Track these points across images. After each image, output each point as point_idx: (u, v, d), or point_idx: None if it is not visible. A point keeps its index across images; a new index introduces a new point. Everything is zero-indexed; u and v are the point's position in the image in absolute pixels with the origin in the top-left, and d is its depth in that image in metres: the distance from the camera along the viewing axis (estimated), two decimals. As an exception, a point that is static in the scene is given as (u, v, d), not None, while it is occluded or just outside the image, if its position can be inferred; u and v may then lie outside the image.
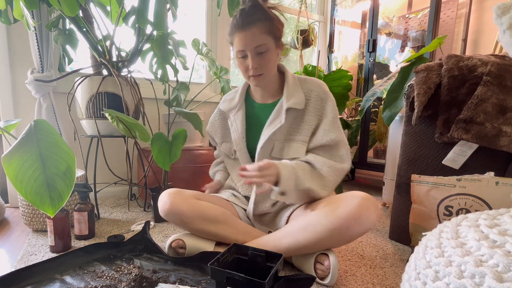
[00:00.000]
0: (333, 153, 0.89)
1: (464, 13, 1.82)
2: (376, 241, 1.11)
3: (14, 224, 1.25)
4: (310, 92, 0.93)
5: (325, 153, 0.90)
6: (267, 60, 0.87)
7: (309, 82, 0.95)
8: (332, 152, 0.90)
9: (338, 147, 0.90)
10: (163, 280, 0.74)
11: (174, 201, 0.87)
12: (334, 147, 0.90)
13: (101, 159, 1.61)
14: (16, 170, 0.69)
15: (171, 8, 1.18)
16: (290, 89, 0.93)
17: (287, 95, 0.92)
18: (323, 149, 0.90)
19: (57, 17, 1.34)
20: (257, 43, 0.84)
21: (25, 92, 1.49)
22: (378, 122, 2.00)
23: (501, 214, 0.53)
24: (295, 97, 0.92)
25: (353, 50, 2.47)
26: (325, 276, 0.78)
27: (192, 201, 0.89)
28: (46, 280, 0.75)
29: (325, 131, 0.89)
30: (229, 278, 0.59)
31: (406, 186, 1.05)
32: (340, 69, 1.78)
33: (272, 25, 0.86)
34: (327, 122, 0.90)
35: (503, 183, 0.80)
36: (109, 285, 0.72)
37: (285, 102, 0.91)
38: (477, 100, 0.86)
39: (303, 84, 0.95)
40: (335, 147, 0.89)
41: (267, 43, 0.85)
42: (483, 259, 0.43)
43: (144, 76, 1.45)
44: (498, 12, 1.00)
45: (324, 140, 0.89)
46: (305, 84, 0.95)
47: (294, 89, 0.94)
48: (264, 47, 0.85)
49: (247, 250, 0.71)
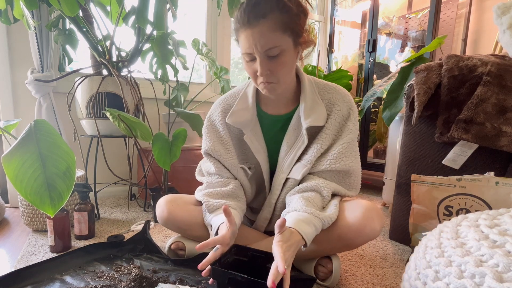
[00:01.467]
0: (341, 179, 0.79)
1: (464, 13, 1.82)
2: (376, 241, 1.11)
3: (14, 224, 1.25)
4: (332, 106, 0.78)
5: (332, 178, 0.79)
6: (282, 64, 0.68)
7: (331, 92, 0.79)
8: (340, 177, 0.79)
9: (350, 174, 0.79)
10: (163, 280, 0.74)
11: (172, 209, 0.83)
12: (345, 174, 0.79)
13: (101, 159, 1.61)
14: (16, 170, 0.69)
15: (171, 8, 1.18)
16: (308, 101, 0.77)
17: (305, 108, 0.76)
18: (331, 173, 0.78)
19: (57, 17, 1.34)
20: (267, 45, 0.65)
21: (25, 92, 1.49)
22: (378, 122, 2.00)
23: (501, 214, 0.53)
24: (315, 112, 0.76)
25: (353, 50, 2.46)
26: (326, 278, 0.78)
27: (190, 207, 0.85)
28: (46, 280, 0.75)
29: (340, 155, 0.76)
30: (230, 279, 0.59)
31: (406, 186, 1.05)
32: (340, 69, 1.78)
33: (290, 17, 0.65)
34: (344, 145, 0.76)
35: (503, 183, 0.80)
36: (109, 285, 0.72)
37: (304, 118, 0.76)
38: (477, 100, 0.86)
39: (323, 94, 0.79)
40: (347, 174, 0.79)
41: (281, 44, 0.66)
42: (483, 259, 0.43)
43: (144, 76, 1.45)
44: (498, 12, 1.00)
45: (337, 166, 0.76)
46: (325, 93, 0.79)
47: (313, 99, 0.77)
48: (277, 49, 0.66)
49: (247, 251, 0.71)
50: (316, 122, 0.76)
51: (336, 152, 0.76)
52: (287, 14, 0.65)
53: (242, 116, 0.81)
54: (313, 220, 0.68)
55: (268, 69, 0.69)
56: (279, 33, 0.65)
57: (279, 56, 0.67)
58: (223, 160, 0.84)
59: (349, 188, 0.81)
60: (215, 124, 0.86)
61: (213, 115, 0.87)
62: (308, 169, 0.78)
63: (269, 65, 0.68)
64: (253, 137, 0.82)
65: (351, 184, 0.81)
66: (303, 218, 0.67)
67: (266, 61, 0.68)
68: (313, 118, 0.76)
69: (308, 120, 0.76)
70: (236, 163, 0.85)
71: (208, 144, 0.86)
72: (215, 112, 0.87)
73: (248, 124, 0.81)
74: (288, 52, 0.68)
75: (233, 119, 0.81)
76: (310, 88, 0.79)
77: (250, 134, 0.82)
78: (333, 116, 0.77)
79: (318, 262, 0.79)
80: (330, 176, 0.79)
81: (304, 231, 0.65)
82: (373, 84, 1.98)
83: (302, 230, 0.65)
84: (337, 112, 0.77)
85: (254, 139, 0.82)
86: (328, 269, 0.77)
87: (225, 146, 0.85)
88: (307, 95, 0.78)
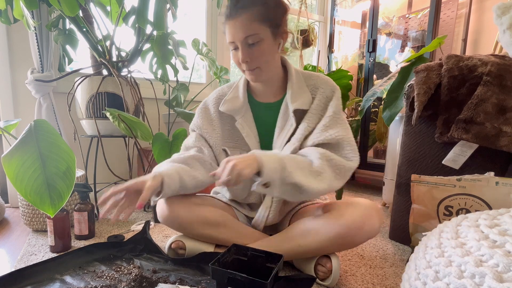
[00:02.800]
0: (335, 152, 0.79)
1: (464, 13, 1.82)
2: (376, 241, 1.11)
3: (14, 224, 1.25)
4: (316, 90, 0.84)
5: None
6: (261, 52, 0.76)
7: (314, 79, 0.86)
8: (333, 151, 0.78)
9: (341, 145, 0.78)
10: (163, 280, 0.74)
11: (172, 207, 0.84)
12: (335, 146, 0.78)
13: (101, 159, 1.61)
14: (16, 170, 0.69)
15: (171, 8, 1.18)
16: (295, 87, 0.84)
17: (291, 94, 0.83)
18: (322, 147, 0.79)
19: (57, 17, 1.34)
20: (246, 33, 0.74)
21: (25, 92, 1.49)
22: (378, 122, 2.00)
23: (501, 214, 0.53)
24: (301, 97, 0.82)
25: (353, 50, 2.47)
26: (326, 277, 0.78)
27: (191, 205, 0.86)
28: (46, 280, 0.75)
29: (324, 127, 0.79)
30: (230, 278, 0.59)
31: (406, 186, 1.05)
32: (340, 69, 1.77)
33: (268, 10, 0.74)
34: (327, 118, 0.80)
35: (503, 183, 0.80)
36: (109, 285, 0.72)
37: (290, 102, 0.82)
38: (477, 100, 0.86)
39: (308, 81, 0.86)
40: (337, 145, 0.78)
41: (259, 33, 0.74)
42: (483, 259, 0.43)
43: (144, 76, 1.45)
44: (498, 12, 1.00)
45: (322, 138, 0.77)
46: (309, 80, 0.86)
47: (299, 86, 0.84)
48: (256, 37, 0.74)
49: (246, 250, 0.71)
50: (302, 105, 0.82)
51: (321, 125, 0.80)
52: (266, 6, 0.74)
53: (233, 104, 0.88)
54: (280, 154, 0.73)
55: (249, 57, 0.77)
56: (257, 23, 0.74)
57: (259, 44, 0.75)
58: (209, 137, 0.90)
59: (347, 159, 0.78)
60: (208, 107, 0.94)
61: (208, 100, 0.95)
62: (296, 147, 0.81)
63: (250, 52, 0.76)
64: (244, 123, 0.88)
65: (347, 155, 0.78)
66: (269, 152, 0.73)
67: (247, 48, 0.76)
68: (299, 102, 0.82)
69: (295, 104, 0.82)
70: (220, 143, 0.90)
71: (198, 121, 0.93)
72: (210, 98, 0.95)
73: (239, 111, 0.88)
74: (266, 41, 0.76)
75: (225, 107, 0.89)
76: (297, 77, 0.86)
77: (241, 120, 0.88)
78: (317, 98, 0.83)
79: (317, 262, 0.79)
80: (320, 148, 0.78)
81: (266, 153, 0.71)
82: (373, 84, 1.98)
83: (263, 159, 0.69)
84: (321, 94, 0.83)
85: (245, 125, 0.88)
86: (327, 268, 0.77)
87: (213, 126, 0.91)
88: (293, 83, 0.84)
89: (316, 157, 0.75)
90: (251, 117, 0.89)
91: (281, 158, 0.71)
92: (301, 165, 0.73)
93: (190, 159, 0.86)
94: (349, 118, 2.29)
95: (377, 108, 2.10)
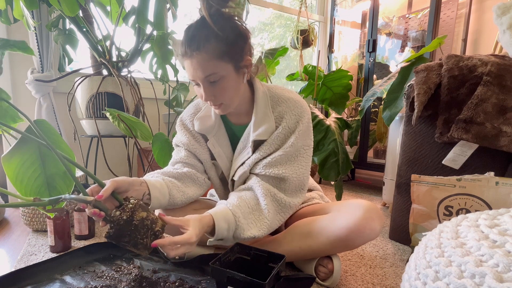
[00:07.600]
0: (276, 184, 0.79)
1: (464, 13, 1.83)
2: (376, 241, 1.11)
3: (14, 224, 1.25)
4: (280, 119, 0.80)
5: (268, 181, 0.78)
6: (224, 89, 0.72)
7: (282, 105, 0.80)
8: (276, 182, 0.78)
9: (284, 181, 0.78)
10: (163, 280, 0.74)
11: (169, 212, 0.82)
12: (280, 180, 0.78)
13: (101, 159, 1.61)
14: (16, 170, 0.69)
15: (171, 8, 1.18)
16: (259, 115, 0.79)
17: (254, 122, 0.79)
18: (266, 178, 0.78)
19: (57, 17, 1.34)
20: (205, 72, 0.69)
21: (25, 92, 1.49)
22: (378, 122, 2.00)
23: (501, 214, 0.53)
24: (264, 125, 0.79)
25: (353, 50, 2.47)
26: (327, 278, 0.78)
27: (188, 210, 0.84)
28: (46, 280, 0.75)
29: (273, 163, 0.77)
30: (230, 278, 0.59)
31: (406, 186, 1.05)
32: (340, 69, 1.78)
33: (225, 44, 0.68)
34: (279, 155, 0.77)
35: (503, 183, 0.80)
36: (109, 285, 0.72)
37: (252, 131, 0.79)
38: (477, 100, 0.86)
39: (275, 107, 0.81)
40: (282, 180, 0.78)
41: (218, 71, 0.69)
42: (483, 259, 0.43)
43: (144, 76, 1.45)
44: (498, 12, 1.00)
45: (267, 172, 0.77)
46: (277, 106, 0.81)
47: (264, 113, 0.80)
48: (216, 76, 0.69)
49: (250, 250, 0.71)
50: (262, 136, 0.78)
51: (270, 159, 0.77)
52: (223, 42, 0.68)
53: (205, 123, 0.85)
54: (230, 219, 0.70)
55: (212, 95, 0.72)
56: (215, 61, 0.68)
57: (220, 82, 0.71)
58: (199, 153, 0.87)
59: (285, 193, 0.79)
60: (186, 125, 0.90)
61: (183, 117, 0.91)
62: (246, 171, 0.81)
63: (213, 90, 0.72)
64: (215, 143, 0.86)
65: (286, 189, 0.79)
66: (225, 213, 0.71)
67: (209, 87, 0.71)
68: (260, 132, 0.78)
69: (255, 134, 0.79)
70: (209, 158, 0.88)
71: (183, 139, 0.88)
72: (186, 114, 0.91)
73: (210, 131, 0.85)
74: (228, 77, 0.71)
75: (197, 126, 0.86)
76: (263, 101, 0.81)
77: (213, 140, 0.86)
78: (280, 128, 0.79)
79: (318, 262, 0.79)
80: (265, 179, 0.78)
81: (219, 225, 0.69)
82: (373, 84, 1.98)
83: (219, 224, 0.69)
84: (285, 124, 0.79)
85: (217, 145, 0.86)
86: (328, 269, 0.77)
87: (199, 142, 0.88)
88: (258, 110, 0.80)
89: (261, 193, 0.76)
90: (224, 136, 0.86)
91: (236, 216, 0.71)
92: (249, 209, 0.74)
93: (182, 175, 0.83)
94: (349, 118, 2.30)
95: (377, 108, 2.10)
